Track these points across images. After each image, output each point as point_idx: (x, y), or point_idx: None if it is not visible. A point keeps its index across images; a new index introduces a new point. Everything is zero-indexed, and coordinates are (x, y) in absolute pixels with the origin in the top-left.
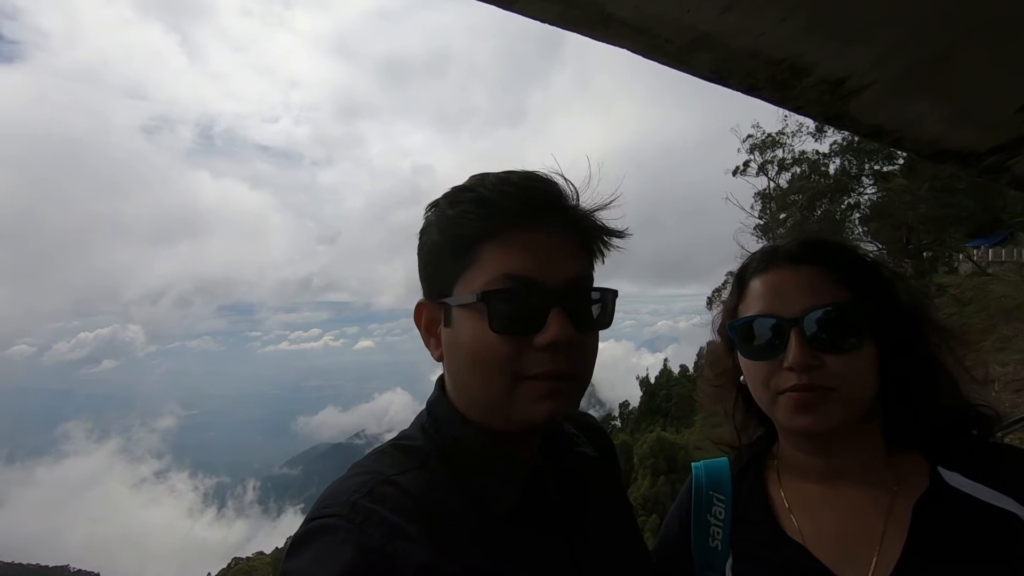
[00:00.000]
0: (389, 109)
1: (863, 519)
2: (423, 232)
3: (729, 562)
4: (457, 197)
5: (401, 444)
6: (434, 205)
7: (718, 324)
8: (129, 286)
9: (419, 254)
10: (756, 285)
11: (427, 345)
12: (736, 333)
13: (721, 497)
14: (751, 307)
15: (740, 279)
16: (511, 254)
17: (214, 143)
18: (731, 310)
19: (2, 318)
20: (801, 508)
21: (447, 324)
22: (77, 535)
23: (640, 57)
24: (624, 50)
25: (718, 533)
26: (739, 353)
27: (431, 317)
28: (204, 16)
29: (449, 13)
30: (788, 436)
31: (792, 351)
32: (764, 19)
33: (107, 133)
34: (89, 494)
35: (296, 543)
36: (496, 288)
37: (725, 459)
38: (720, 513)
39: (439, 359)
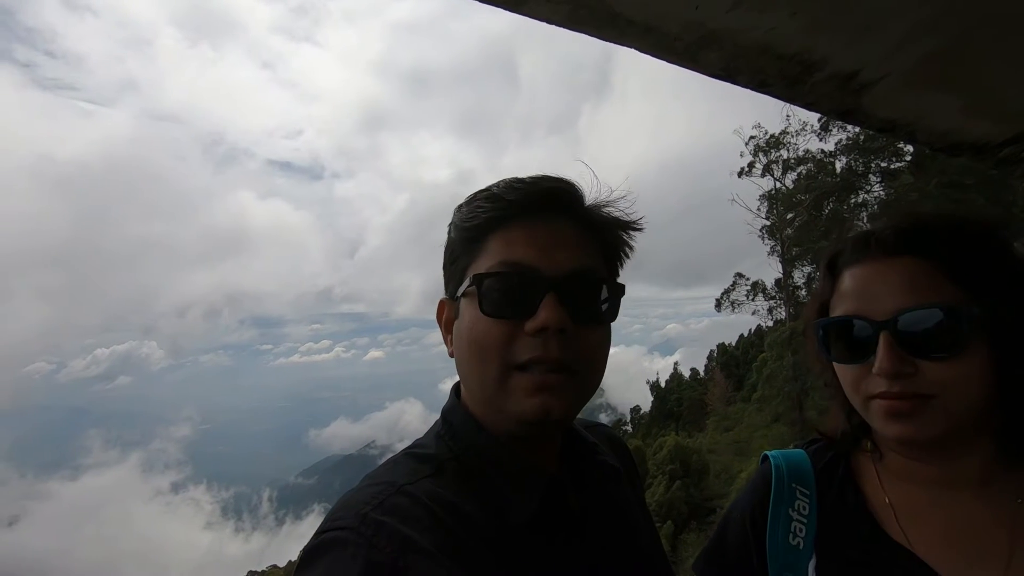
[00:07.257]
0: (412, 120)
1: (983, 531)
2: (447, 233)
3: (812, 562)
4: (473, 197)
5: (415, 452)
6: (458, 208)
7: (808, 318)
8: (149, 304)
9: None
10: (847, 279)
11: (445, 343)
12: (823, 334)
13: (805, 491)
14: (840, 304)
15: (831, 268)
16: (512, 243)
17: (239, 158)
18: (822, 304)
19: (29, 337)
20: (906, 511)
21: (456, 316)
22: (90, 552)
23: (654, 58)
24: (634, 50)
25: (800, 530)
26: (828, 354)
27: (449, 315)
28: (236, 32)
29: (479, 22)
30: (888, 440)
31: (880, 356)
32: (773, 14)
33: (148, 156)
34: (103, 511)
35: (306, 556)
36: (490, 272)
37: (803, 451)
38: (804, 508)
39: (452, 355)
